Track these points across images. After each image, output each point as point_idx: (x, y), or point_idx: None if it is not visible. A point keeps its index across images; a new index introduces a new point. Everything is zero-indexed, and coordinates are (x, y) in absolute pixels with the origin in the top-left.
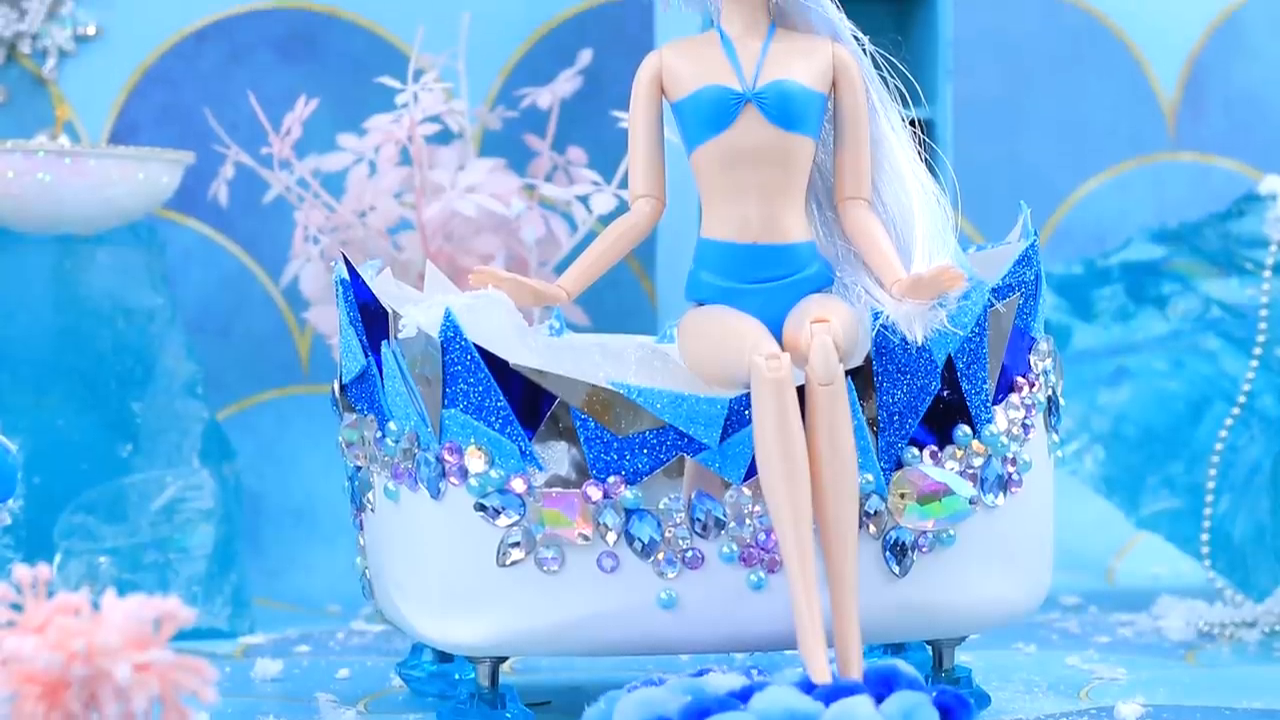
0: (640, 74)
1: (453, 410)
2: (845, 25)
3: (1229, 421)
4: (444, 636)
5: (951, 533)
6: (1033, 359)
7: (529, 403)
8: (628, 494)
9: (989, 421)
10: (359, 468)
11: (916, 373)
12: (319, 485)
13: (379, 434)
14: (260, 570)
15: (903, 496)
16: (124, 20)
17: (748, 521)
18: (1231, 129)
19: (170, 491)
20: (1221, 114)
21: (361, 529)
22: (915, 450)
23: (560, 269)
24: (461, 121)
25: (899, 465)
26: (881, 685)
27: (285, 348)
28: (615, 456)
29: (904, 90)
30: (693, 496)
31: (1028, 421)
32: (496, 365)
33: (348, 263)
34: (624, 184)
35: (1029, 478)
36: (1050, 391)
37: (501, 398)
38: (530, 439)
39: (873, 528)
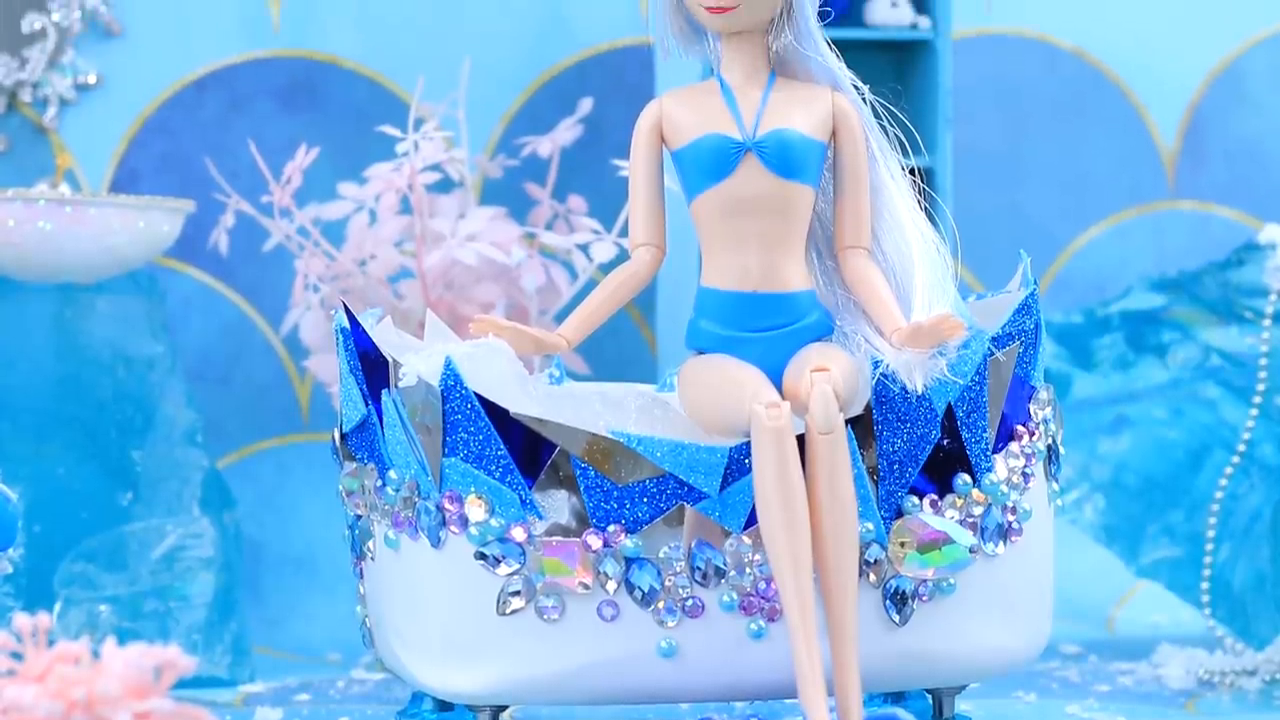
0: (640, 122)
1: (453, 459)
2: (845, 74)
3: (1229, 470)
4: (444, 685)
5: (952, 581)
6: (1033, 408)
7: (529, 451)
8: (628, 543)
9: (989, 470)
10: (359, 516)
11: (916, 421)
12: (319, 534)
13: (379, 482)
14: (260, 619)
15: (903, 545)
16: (124, 69)
17: (748, 570)
18: (1231, 178)
19: (170, 540)
20: (1221, 163)
21: (362, 577)
22: (915, 499)
23: (560, 317)
24: (462, 170)
25: (899, 514)
26: None
27: (285, 396)
28: (615, 505)
29: (903, 139)
30: (693, 545)
31: (1028, 470)
32: (497, 414)
33: (348, 311)
34: (624, 232)
35: (1029, 526)
36: (1050, 440)
37: (502, 446)
38: (530, 487)
39: (873, 576)
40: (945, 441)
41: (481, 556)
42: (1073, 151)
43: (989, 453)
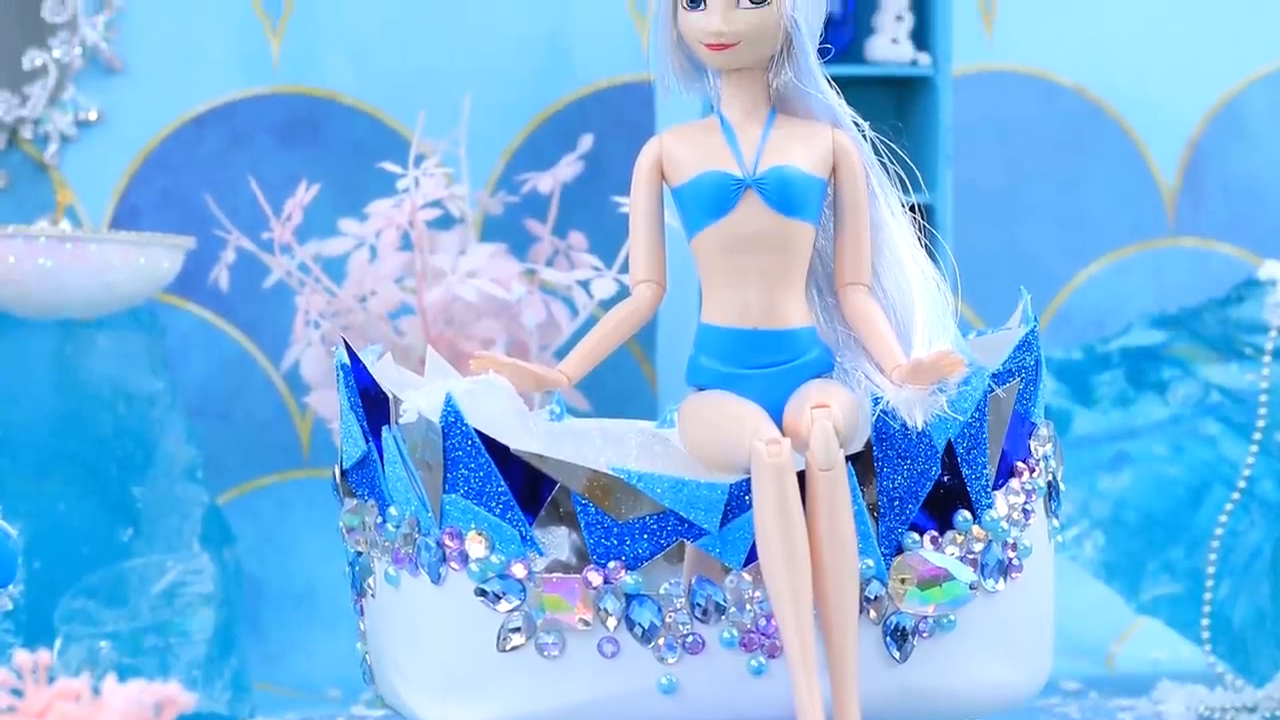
0: (641, 159)
1: (453, 495)
2: (845, 111)
3: (1229, 506)
4: None
5: (952, 618)
6: (1033, 444)
7: (529, 488)
8: (628, 579)
9: (989, 507)
10: (360, 553)
11: (917, 458)
12: (319, 570)
13: (380, 519)
14: (261, 655)
15: (903, 581)
16: (125, 106)
17: (748, 606)
18: (1231, 214)
19: (171, 576)
20: (1221, 199)
21: (362, 614)
22: (916, 535)
23: (561, 354)
24: (462, 206)
25: (899, 550)
26: None
27: (286, 432)
28: (616, 541)
29: (904, 176)
30: (693, 581)
31: (1028, 507)
32: (497, 450)
33: (348, 347)
34: (625, 269)
35: (1029, 563)
36: (1050, 477)
37: (502, 483)
38: (531, 524)
39: (873, 613)
40: (946, 478)
41: (482, 593)
42: (1073, 188)
43: (989, 489)
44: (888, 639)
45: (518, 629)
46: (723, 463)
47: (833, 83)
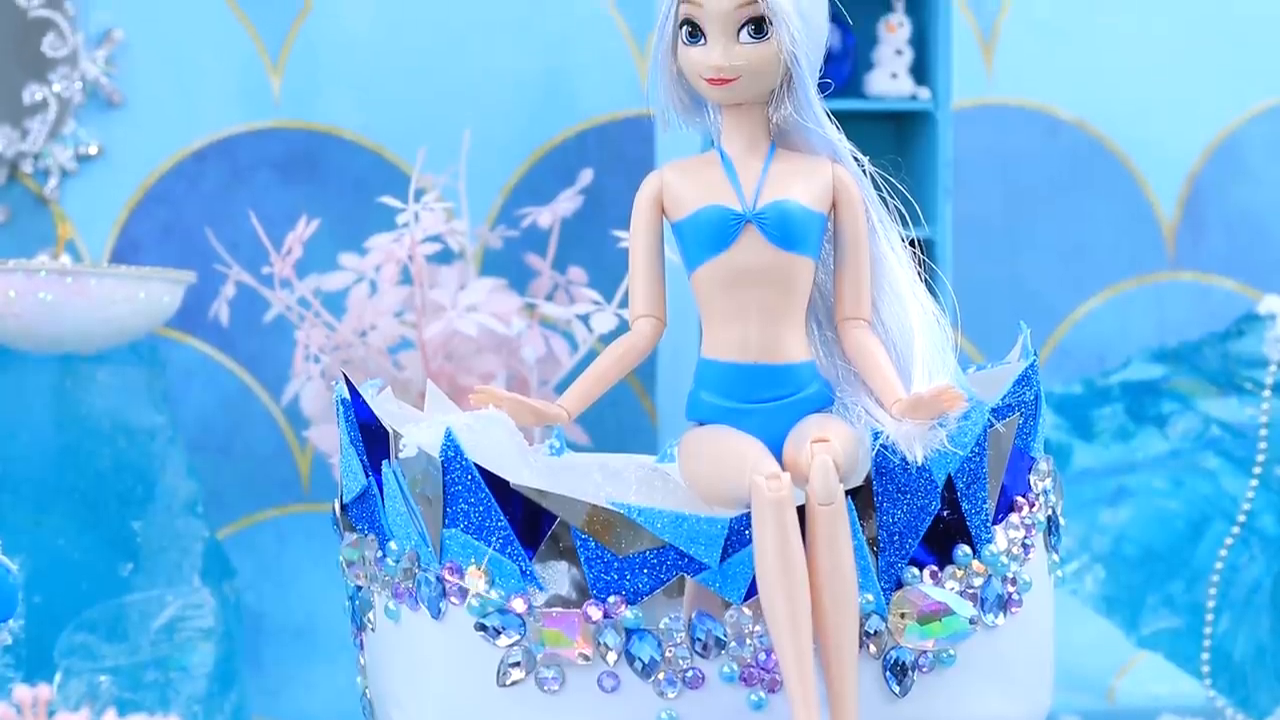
0: (641, 194)
1: (453, 530)
2: (845, 145)
3: (1229, 541)
4: None
5: (952, 652)
6: (1033, 479)
7: (530, 522)
8: (628, 614)
9: (989, 541)
10: (359, 587)
11: (916, 493)
12: (319, 604)
13: (380, 553)
14: (261, 689)
15: (903, 616)
16: (126, 140)
17: (748, 641)
18: (1231, 249)
19: (171, 610)
20: (1221, 234)
21: (362, 648)
22: (915, 570)
23: (561, 388)
24: (462, 241)
25: (899, 585)
26: None
27: (286, 466)
28: (616, 576)
29: (903, 210)
30: (693, 616)
31: (1028, 541)
32: (497, 485)
33: (348, 382)
34: (624, 303)
35: (1029, 597)
36: (1050, 511)
37: (502, 517)
38: (531, 559)
39: (873, 647)
40: (945, 513)
41: (482, 628)
42: (1073, 222)
43: (989, 524)
44: (888, 674)
45: (518, 664)
46: (723, 497)
47: (832, 117)
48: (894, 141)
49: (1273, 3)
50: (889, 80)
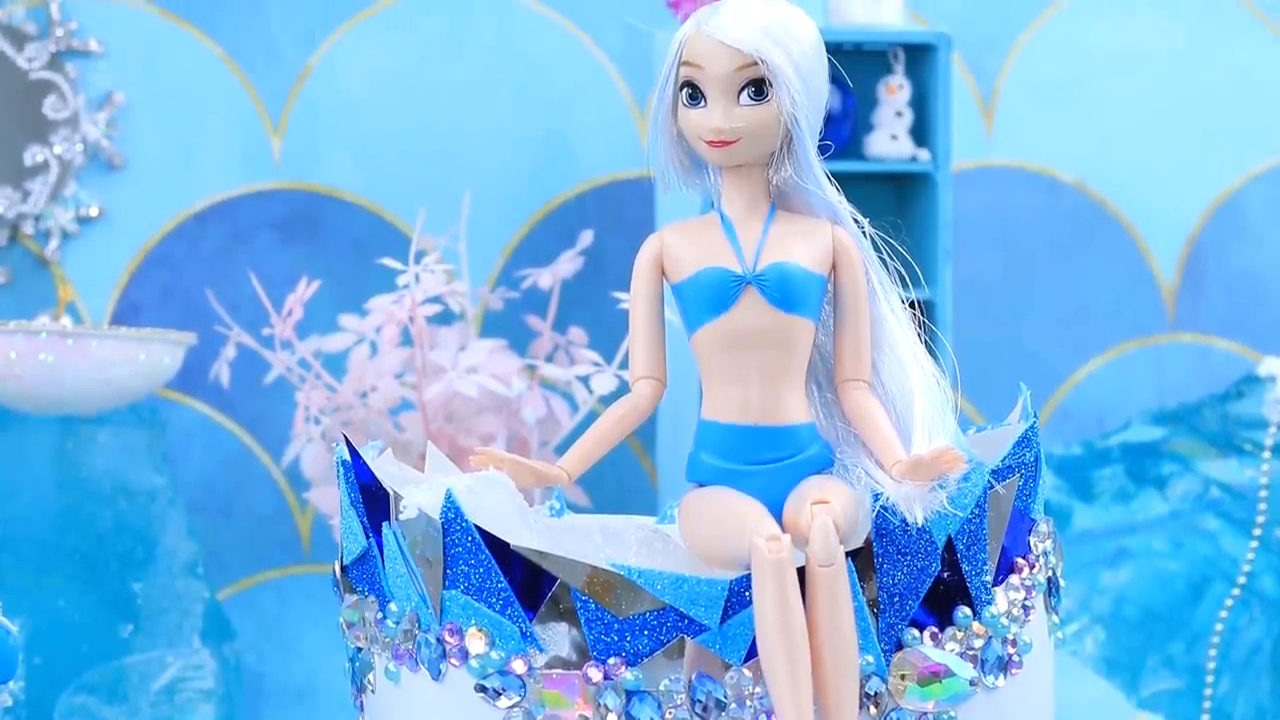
0: (641, 255)
1: (453, 591)
2: (845, 207)
3: (1229, 602)
4: None
5: (952, 714)
6: (1033, 540)
7: (530, 584)
8: (628, 675)
9: (989, 603)
10: (360, 649)
11: (917, 554)
12: (320, 666)
13: (380, 615)
14: None
15: (903, 678)
16: (126, 202)
17: (749, 702)
18: (1231, 310)
19: (171, 672)
20: (1221, 295)
21: (362, 710)
22: (916, 631)
23: (561, 449)
24: (463, 302)
25: (899, 646)
26: None
27: (286, 528)
28: (616, 638)
29: (903, 271)
30: (694, 678)
31: (1028, 603)
32: (497, 546)
33: (349, 443)
34: (625, 364)
35: (1029, 659)
36: (1050, 572)
37: (502, 579)
38: (531, 620)
39: (873, 709)
40: (945, 574)
41: (482, 689)
42: (1073, 284)
43: (989, 585)
44: None
45: None
46: (723, 559)
47: (833, 179)
48: (894, 203)
49: (1271, 65)
50: (889, 142)
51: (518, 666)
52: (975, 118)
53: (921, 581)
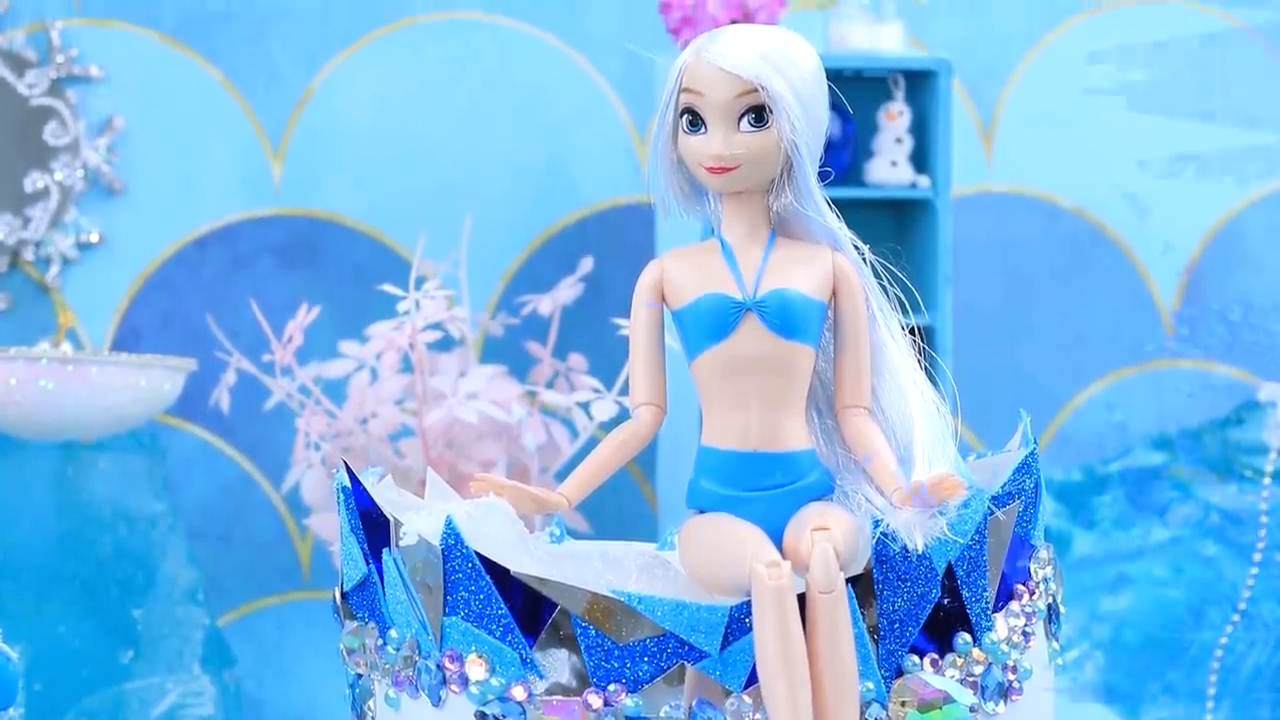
0: (641, 281)
1: (454, 618)
2: (845, 234)
3: (1229, 628)
4: None
5: None
6: (1033, 566)
7: (530, 610)
8: (629, 702)
9: (989, 629)
10: (360, 675)
11: (917, 580)
12: (320, 692)
13: (380, 641)
14: None
15: (903, 704)
16: (127, 228)
17: None
18: (1231, 336)
19: (171, 698)
20: (1221, 321)
21: None
22: (916, 658)
23: (561, 475)
24: (463, 328)
25: (899, 673)
26: None
27: (286, 554)
28: (616, 664)
29: (903, 298)
30: (694, 704)
31: (1028, 629)
32: (498, 573)
33: (349, 470)
34: (625, 391)
35: (1030, 685)
36: (1051, 599)
37: (503, 605)
38: (531, 647)
39: None
40: (946, 600)
41: (482, 715)
42: (1072, 309)
43: (989, 612)
44: None
45: None
46: (723, 585)
47: (833, 205)
48: (894, 229)
49: (1270, 91)
50: (889, 168)
51: (518, 693)
52: (975, 144)
53: (922, 608)
